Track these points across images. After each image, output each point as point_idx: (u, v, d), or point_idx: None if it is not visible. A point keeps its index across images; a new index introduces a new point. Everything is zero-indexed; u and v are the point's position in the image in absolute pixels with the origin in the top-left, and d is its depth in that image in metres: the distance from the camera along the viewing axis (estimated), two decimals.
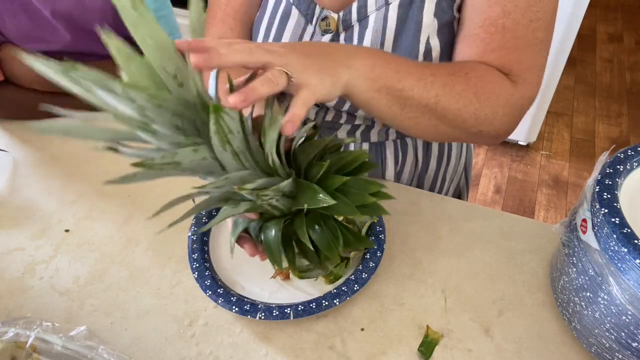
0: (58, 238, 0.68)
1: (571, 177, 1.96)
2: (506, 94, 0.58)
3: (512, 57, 0.58)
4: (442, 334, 0.55)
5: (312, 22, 0.65)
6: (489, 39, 0.57)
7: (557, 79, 1.82)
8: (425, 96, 0.54)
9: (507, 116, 0.59)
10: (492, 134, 0.60)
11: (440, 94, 0.54)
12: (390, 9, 0.60)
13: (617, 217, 0.45)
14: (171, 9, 1.02)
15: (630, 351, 0.47)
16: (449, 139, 0.63)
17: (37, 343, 0.48)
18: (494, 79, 0.57)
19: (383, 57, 0.53)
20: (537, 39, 0.57)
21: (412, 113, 0.55)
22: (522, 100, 0.59)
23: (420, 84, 0.53)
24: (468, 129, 0.58)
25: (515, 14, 0.56)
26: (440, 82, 0.54)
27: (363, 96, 0.52)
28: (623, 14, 2.90)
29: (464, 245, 0.64)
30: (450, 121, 0.57)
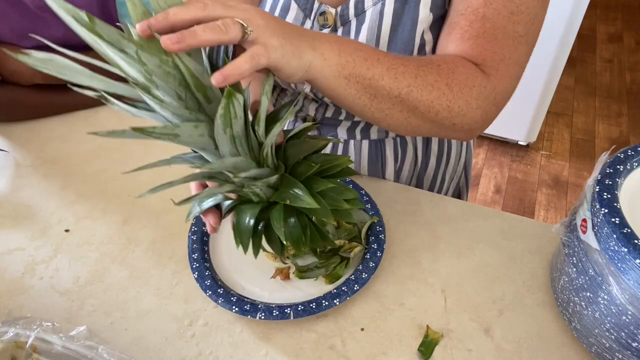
0: (58, 238, 0.68)
1: (571, 177, 1.96)
2: (479, 86, 0.56)
3: (487, 47, 0.57)
4: (442, 334, 0.55)
5: (311, 16, 0.65)
6: (468, 26, 0.57)
7: (557, 79, 1.82)
8: (396, 86, 0.52)
9: (481, 109, 0.58)
10: (465, 127, 0.59)
11: (412, 84, 0.53)
12: (386, 3, 0.60)
13: (617, 217, 0.45)
14: None
15: (630, 351, 0.47)
16: (421, 133, 0.61)
17: (37, 343, 0.48)
18: (466, 70, 0.56)
19: (351, 45, 0.51)
20: (517, 33, 0.56)
21: (383, 104, 0.54)
22: (494, 92, 0.58)
23: (391, 73, 0.52)
24: (441, 121, 0.57)
25: (497, 3, 0.55)
26: (412, 73, 0.53)
27: (330, 82, 0.50)
28: (623, 14, 2.90)
29: (464, 245, 0.64)
30: (423, 113, 0.56)
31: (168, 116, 0.39)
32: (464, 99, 0.56)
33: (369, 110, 0.55)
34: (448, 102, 0.55)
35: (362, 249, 0.62)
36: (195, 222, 0.65)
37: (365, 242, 0.63)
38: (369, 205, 0.66)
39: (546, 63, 1.76)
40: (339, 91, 0.51)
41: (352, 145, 0.73)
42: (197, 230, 0.64)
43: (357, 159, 0.74)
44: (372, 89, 0.52)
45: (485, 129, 0.65)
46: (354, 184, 0.70)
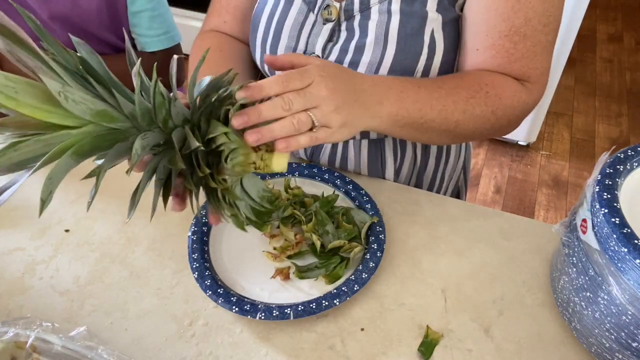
0: (58, 238, 0.68)
1: (571, 177, 1.96)
2: (523, 104, 0.62)
3: (531, 65, 0.61)
4: (442, 334, 0.55)
5: (315, 10, 0.66)
6: (513, 49, 0.60)
7: (557, 79, 1.82)
8: (445, 125, 0.58)
9: (517, 119, 0.63)
10: (497, 134, 0.65)
11: (459, 120, 0.58)
12: (393, 2, 0.61)
13: (617, 217, 0.45)
14: (167, 8, 1.02)
15: (630, 351, 0.47)
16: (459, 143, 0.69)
17: (37, 343, 0.48)
18: (512, 92, 0.60)
19: (408, 98, 0.55)
20: (549, 42, 0.61)
21: (431, 135, 0.60)
22: (534, 104, 0.63)
23: (442, 115, 0.57)
24: (478, 137, 0.64)
25: (534, 20, 0.58)
26: (461, 109, 0.58)
27: (385, 131, 0.56)
28: (623, 14, 2.90)
29: (464, 245, 0.64)
30: (466, 137, 0.62)
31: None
32: (507, 119, 0.62)
33: (417, 139, 0.62)
34: (491, 125, 0.61)
35: (362, 249, 0.62)
36: (195, 222, 0.65)
37: (365, 242, 0.63)
38: (369, 205, 0.67)
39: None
40: (393, 134, 0.58)
41: (351, 145, 0.73)
42: (197, 230, 0.64)
43: (356, 159, 0.74)
44: (423, 129, 0.58)
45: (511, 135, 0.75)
46: (354, 184, 0.70)
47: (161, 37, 1.00)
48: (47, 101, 0.37)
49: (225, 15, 0.76)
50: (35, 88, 0.37)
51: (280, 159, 0.47)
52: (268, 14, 0.69)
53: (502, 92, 0.60)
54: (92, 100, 0.39)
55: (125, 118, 0.42)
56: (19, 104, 0.36)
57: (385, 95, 0.54)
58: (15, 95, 0.36)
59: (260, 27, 0.70)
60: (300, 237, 0.63)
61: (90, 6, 0.91)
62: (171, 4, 1.08)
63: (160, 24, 0.99)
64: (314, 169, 0.72)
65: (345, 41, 0.64)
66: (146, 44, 1.00)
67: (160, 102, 0.42)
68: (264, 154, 0.47)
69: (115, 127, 0.41)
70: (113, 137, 0.42)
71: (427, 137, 0.61)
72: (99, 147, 0.41)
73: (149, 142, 0.42)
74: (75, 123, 0.39)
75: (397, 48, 0.61)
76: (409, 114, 0.55)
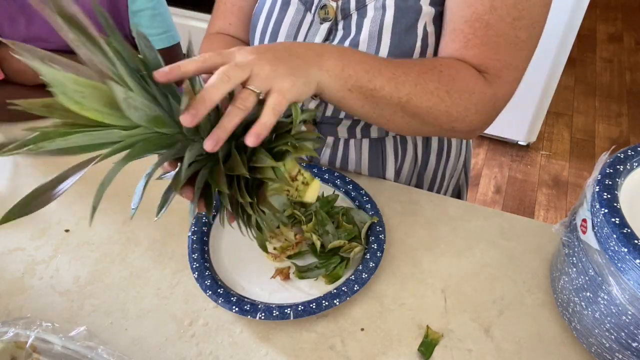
0: (58, 238, 0.68)
1: (571, 177, 1.96)
2: (479, 92, 0.58)
3: (490, 55, 0.58)
4: (442, 334, 0.55)
5: (312, 10, 0.66)
6: (472, 34, 0.58)
7: (557, 79, 1.82)
8: (396, 95, 0.55)
9: (480, 113, 0.59)
10: (465, 129, 0.61)
11: (411, 93, 0.55)
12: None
13: (617, 217, 0.45)
14: (167, 7, 1.02)
15: (630, 351, 0.47)
16: (423, 134, 0.64)
17: (37, 343, 0.48)
18: (468, 77, 0.57)
19: (354, 58, 0.54)
20: (518, 38, 0.57)
21: (385, 111, 0.57)
22: (495, 98, 0.60)
23: (392, 84, 0.54)
24: (441, 125, 0.59)
25: (501, 10, 0.56)
26: (412, 81, 0.55)
27: (335, 95, 0.53)
28: (623, 14, 2.90)
29: (464, 245, 0.64)
30: (423, 118, 0.58)
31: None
32: (463, 105, 0.58)
33: (372, 116, 0.57)
34: (447, 107, 0.57)
35: (362, 249, 0.62)
36: (195, 222, 0.65)
37: (365, 242, 0.63)
38: (369, 205, 0.67)
39: (546, 63, 1.76)
40: (344, 102, 0.54)
41: (352, 144, 0.73)
42: (197, 230, 0.64)
43: (357, 158, 0.74)
44: (374, 99, 0.55)
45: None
46: (354, 184, 0.70)
47: (161, 36, 1.00)
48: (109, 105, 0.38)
49: (230, 18, 0.76)
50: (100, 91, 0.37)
51: (313, 191, 0.48)
52: (266, 14, 0.69)
53: (456, 74, 0.57)
54: (150, 106, 0.40)
55: (174, 124, 0.42)
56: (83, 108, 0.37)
57: (324, 49, 0.53)
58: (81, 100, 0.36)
59: (258, 27, 0.70)
60: (300, 237, 0.63)
61: (91, 4, 0.92)
62: (171, 4, 1.08)
63: (161, 23, 0.99)
64: (314, 169, 0.72)
65: (341, 39, 0.64)
66: None
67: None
68: (300, 184, 0.47)
69: (164, 131, 0.42)
70: (160, 141, 0.42)
71: (379, 114, 0.57)
72: (147, 150, 0.42)
73: (194, 152, 0.43)
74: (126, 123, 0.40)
75: (391, 43, 0.61)
76: (355, 72, 0.53)
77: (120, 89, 0.37)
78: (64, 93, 0.35)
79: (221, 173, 0.43)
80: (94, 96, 0.37)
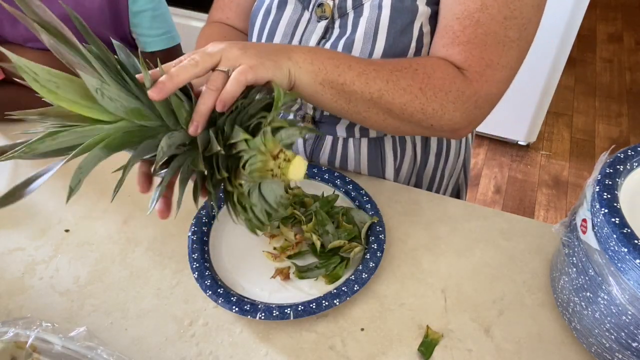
0: (58, 238, 0.68)
1: (571, 177, 1.96)
2: (456, 90, 0.58)
3: (474, 53, 0.58)
4: (442, 334, 0.55)
5: (309, 8, 0.66)
6: (461, 32, 0.58)
7: (557, 79, 1.82)
8: (367, 90, 0.56)
9: (459, 111, 0.59)
10: (445, 128, 0.61)
11: (383, 89, 0.56)
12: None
13: (617, 217, 0.45)
14: (167, 8, 1.02)
15: (630, 351, 0.47)
16: (404, 133, 0.64)
17: (37, 343, 0.48)
18: (445, 75, 0.57)
19: (324, 54, 0.55)
20: (508, 37, 0.57)
21: (359, 107, 0.58)
22: (475, 96, 0.59)
23: (362, 78, 0.55)
24: (418, 122, 0.59)
25: (492, 9, 0.56)
26: (384, 78, 0.56)
27: (308, 89, 0.54)
28: (623, 14, 2.90)
29: (464, 245, 0.64)
30: (398, 115, 0.58)
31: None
32: (439, 102, 0.58)
33: (347, 112, 0.59)
34: (421, 105, 0.57)
35: (362, 249, 0.62)
36: (195, 222, 0.65)
37: (365, 242, 0.63)
38: (369, 205, 0.67)
39: (546, 63, 1.76)
40: (317, 97, 0.56)
41: (351, 144, 0.73)
42: (197, 230, 0.64)
43: (356, 158, 0.74)
44: (345, 94, 0.56)
45: (475, 128, 0.67)
46: (354, 184, 0.70)
47: (162, 37, 1.00)
48: (85, 97, 0.40)
49: (228, 12, 0.77)
50: (75, 83, 0.39)
51: (297, 168, 0.48)
52: (263, 12, 0.70)
53: (432, 72, 0.57)
54: (127, 98, 0.41)
55: (155, 117, 0.44)
56: (59, 98, 0.39)
57: (294, 47, 0.55)
58: (56, 90, 0.38)
59: (256, 25, 0.71)
60: (300, 237, 0.63)
61: (93, 5, 0.92)
62: (171, 4, 1.08)
63: (161, 24, 0.99)
64: (314, 169, 0.72)
65: (337, 38, 0.65)
66: (147, 44, 1.00)
67: (178, 103, 0.44)
68: (282, 162, 0.47)
69: (145, 124, 0.43)
70: (143, 133, 0.44)
71: (353, 109, 0.58)
72: (128, 142, 0.43)
73: (174, 141, 0.44)
74: (109, 118, 0.41)
75: (386, 43, 0.62)
76: (325, 67, 0.54)
77: (93, 79, 0.38)
78: (35, 80, 0.37)
79: (199, 156, 0.45)
80: (68, 87, 0.39)
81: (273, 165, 0.47)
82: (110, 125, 0.41)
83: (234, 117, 0.47)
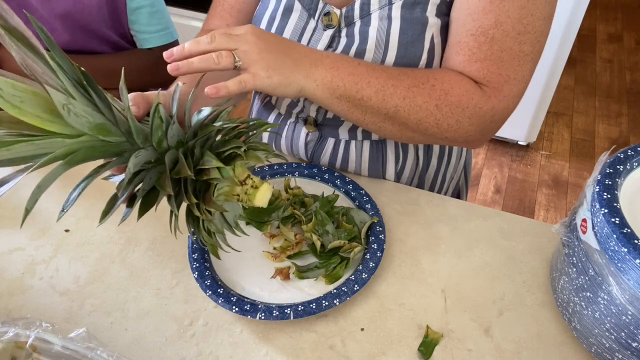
0: (58, 238, 0.68)
1: (571, 177, 1.96)
2: (474, 107, 0.59)
3: (492, 69, 0.59)
4: (442, 334, 0.55)
5: (315, 16, 0.65)
6: (477, 48, 0.58)
7: (557, 79, 1.82)
8: (383, 107, 0.57)
9: (474, 126, 0.60)
10: (459, 140, 0.62)
11: (399, 105, 0.57)
12: (393, 8, 0.60)
13: (617, 217, 0.45)
14: (164, 4, 1.03)
15: (630, 351, 0.47)
16: (419, 142, 0.66)
17: (37, 343, 0.48)
18: (462, 91, 0.58)
19: (345, 69, 0.55)
20: (522, 52, 0.58)
21: (375, 118, 0.59)
22: (492, 112, 0.60)
23: (379, 95, 0.56)
24: (433, 135, 0.61)
25: (506, 25, 0.56)
26: (400, 95, 0.57)
27: (322, 102, 0.55)
28: (623, 14, 2.90)
29: (464, 245, 0.64)
30: (413, 128, 0.60)
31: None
32: (455, 118, 0.59)
33: (362, 122, 0.60)
34: (436, 120, 0.59)
35: (362, 249, 0.62)
36: None
37: (365, 242, 0.63)
38: (369, 205, 0.67)
39: (546, 63, 1.76)
40: (332, 107, 0.57)
41: (353, 146, 0.73)
42: None
43: (357, 160, 0.74)
44: (362, 107, 0.57)
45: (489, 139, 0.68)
46: (354, 184, 0.70)
47: (160, 34, 1.00)
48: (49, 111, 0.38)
49: (228, 18, 0.75)
50: (40, 98, 0.38)
51: (263, 195, 0.48)
52: (268, 18, 0.68)
53: (450, 89, 0.58)
54: (92, 114, 0.40)
55: (121, 133, 0.43)
56: (22, 113, 0.37)
57: (320, 60, 0.55)
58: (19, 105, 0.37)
59: None
60: (300, 237, 0.63)
61: (91, 2, 0.92)
62: (170, 3, 1.09)
63: (159, 20, 1.00)
64: (314, 169, 0.72)
65: (345, 47, 0.64)
66: (145, 41, 1.00)
67: (158, 125, 0.43)
68: (249, 188, 0.47)
69: (110, 140, 0.42)
70: (106, 149, 0.42)
71: (371, 120, 0.59)
72: (90, 158, 0.42)
73: (141, 160, 0.43)
74: (71, 132, 0.40)
75: (397, 54, 0.61)
76: (344, 84, 0.55)
77: (60, 95, 0.37)
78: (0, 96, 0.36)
79: (167, 178, 0.43)
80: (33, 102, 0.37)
81: (240, 190, 0.47)
82: (72, 140, 0.40)
83: (204, 140, 0.46)
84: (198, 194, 0.45)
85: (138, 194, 0.45)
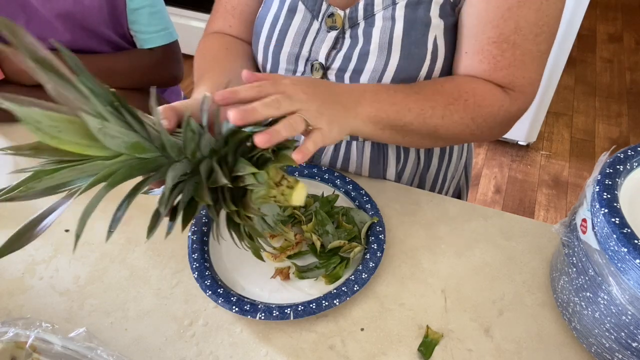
0: (58, 238, 0.68)
1: (571, 177, 1.96)
2: (505, 112, 0.62)
3: (517, 74, 0.60)
4: (442, 334, 0.55)
5: (319, 18, 0.65)
6: (500, 56, 0.60)
7: (557, 79, 1.82)
8: (425, 128, 0.59)
9: (503, 127, 0.65)
10: (485, 140, 0.68)
11: (438, 124, 0.59)
12: (397, 8, 0.60)
13: (617, 217, 0.45)
14: (164, 4, 1.03)
15: (630, 351, 0.47)
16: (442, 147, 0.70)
17: (37, 343, 0.48)
18: (493, 101, 0.61)
19: (386, 99, 0.57)
20: (540, 52, 0.60)
21: (413, 138, 0.61)
22: (519, 112, 0.64)
23: (420, 119, 0.58)
24: (463, 141, 0.65)
25: (526, 29, 0.58)
26: (439, 115, 0.59)
27: (367, 135, 0.58)
28: (623, 14, 2.90)
29: (464, 245, 0.64)
30: (447, 141, 0.65)
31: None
32: (488, 127, 0.62)
33: (401, 142, 0.63)
34: (472, 132, 0.62)
35: (362, 249, 0.62)
36: (195, 222, 0.65)
37: (365, 242, 0.63)
38: (369, 205, 0.67)
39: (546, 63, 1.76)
40: (375, 137, 0.59)
41: (354, 147, 0.73)
42: (197, 230, 0.64)
43: (358, 160, 0.74)
44: (403, 132, 0.59)
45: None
46: (354, 184, 0.70)
47: (160, 34, 1.00)
48: (86, 137, 0.39)
49: (231, 20, 0.75)
50: (76, 125, 0.38)
51: (299, 194, 0.48)
52: (271, 20, 0.68)
53: (482, 101, 0.60)
54: (127, 133, 0.41)
55: (155, 149, 0.43)
56: (61, 142, 0.38)
57: (361, 96, 0.56)
58: (58, 135, 0.37)
59: (262, 33, 0.70)
60: (300, 237, 0.63)
61: (92, 2, 0.92)
62: (171, 4, 1.09)
63: (159, 20, 1.00)
64: (314, 169, 0.72)
65: (349, 48, 0.64)
66: (145, 41, 1.00)
67: (191, 137, 0.44)
68: (285, 189, 0.47)
69: (146, 157, 0.43)
70: (143, 166, 0.43)
71: (410, 140, 0.62)
72: (130, 176, 0.43)
73: (177, 172, 0.44)
74: (109, 154, 0.41)
75: (401, 55, 0.62)
76: (387, 115, 0.56)
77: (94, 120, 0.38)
78: (38, 129, 0.36)
79: (204, 187, 0.44)
80: (69, 130, 0.38)
81: (276, 192, 0.47)
82: (111, 161, 0.41)
83: (236, 146, 0.46)
84: (236, 201, 0.46)
85: (178, 207, 0.46)
